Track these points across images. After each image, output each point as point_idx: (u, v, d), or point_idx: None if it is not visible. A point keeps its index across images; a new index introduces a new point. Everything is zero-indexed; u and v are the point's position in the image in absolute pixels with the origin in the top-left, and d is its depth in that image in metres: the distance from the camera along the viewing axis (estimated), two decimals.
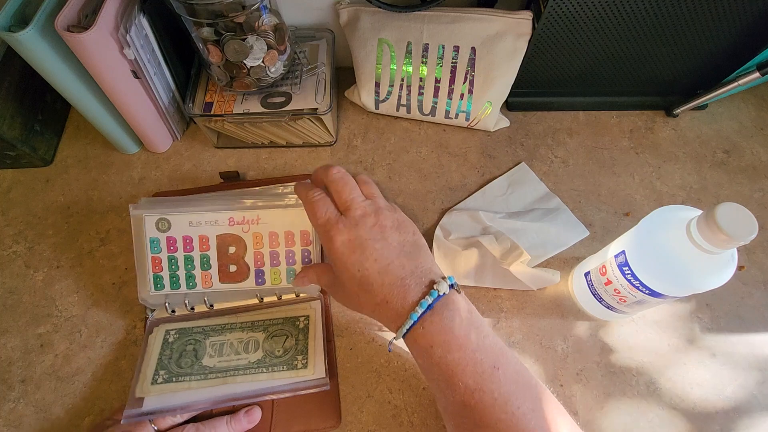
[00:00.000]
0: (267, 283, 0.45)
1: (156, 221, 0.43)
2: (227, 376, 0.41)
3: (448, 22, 0.50)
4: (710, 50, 0.52)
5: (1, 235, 0.51)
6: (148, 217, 0.43)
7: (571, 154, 0.56)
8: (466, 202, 0.53)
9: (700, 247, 0.32)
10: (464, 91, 0.53)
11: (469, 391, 0.31)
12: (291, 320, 0.44)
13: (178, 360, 0.42)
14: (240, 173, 0.54)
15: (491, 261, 0.47)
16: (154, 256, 0.44)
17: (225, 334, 0.43)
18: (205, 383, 0.40)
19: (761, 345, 0.45)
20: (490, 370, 0.32)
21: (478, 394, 0.31)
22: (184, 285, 0.44)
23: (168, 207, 0.44)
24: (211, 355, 0.42)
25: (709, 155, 0.57)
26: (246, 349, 0.42)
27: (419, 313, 0.32)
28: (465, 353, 0.32)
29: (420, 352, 0.33)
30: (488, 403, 0.31)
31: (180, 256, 0.44)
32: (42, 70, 0.44)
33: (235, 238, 0.44)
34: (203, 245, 0.44)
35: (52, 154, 0.57)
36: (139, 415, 0.38)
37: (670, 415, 0.42)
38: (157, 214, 0.43)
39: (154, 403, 0.39)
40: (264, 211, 0.44)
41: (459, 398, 0.32)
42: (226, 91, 0.53)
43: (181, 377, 0.41)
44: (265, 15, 0.47)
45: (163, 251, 0.44)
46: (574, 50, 0.52)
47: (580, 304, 0.47)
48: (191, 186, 0.54)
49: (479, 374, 0.31)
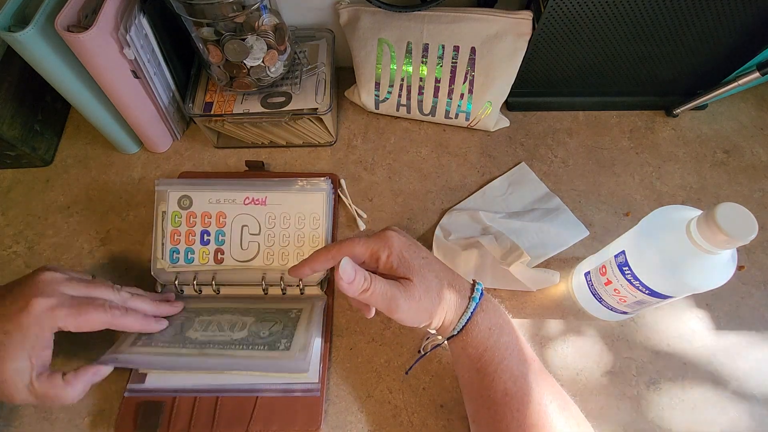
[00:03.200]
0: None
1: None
2: (204, 348, 0.40)
3: (448, 22, 0.50)
4: (710, 50, 0.52)
5: (1, 235, 0.51)
6: (173, 193, 0.46)
7: (571, 154, 0.56)
8: (466, 202, 0.53)
9: (700, 247, 0.32)
10: (464, 91, 0.53)
11: (513, 378, 0.34)
12: (285, 311, 0.44)
13: (162, 331, 0.42)
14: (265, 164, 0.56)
15: (491, 261, 0.47)
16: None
17: (216, 315, 0.44)
18: (182, 351, 0.40)
19: (761, 345, 0.45)
20: (530, 360, 0.35)
21: (520, 381, 0.34)
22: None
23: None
24: (196, 330, 0.42)
25: (709, 155, 0.57)
26: (232, 328, 0.42)
27: (474, 305, 0.36)
28: (513, 337, 0.36)
29: (475, 341, 0.36)
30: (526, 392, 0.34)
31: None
32: (42, 70, 0.44)
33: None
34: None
35: (52, 154, 0.57)
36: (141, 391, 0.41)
37: (670, 415, 0.42)
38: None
39: (156, 381, 0.42)
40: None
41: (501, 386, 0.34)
42: (226, 91, 0.53)
43: (161, 343, 0.41)
44: (265, 15, 0.47)
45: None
46: (574, 50, 0.52)
47: (580, 304, 0.47)
48: None
49: (522, 362, 0.35)
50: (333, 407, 0.42)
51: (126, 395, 0.41)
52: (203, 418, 0.40)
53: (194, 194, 0.46)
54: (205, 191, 0.46)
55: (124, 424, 0.40)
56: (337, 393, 0.43)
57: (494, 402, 0.34)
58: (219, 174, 0.55)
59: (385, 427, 0.41)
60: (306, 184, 0.47)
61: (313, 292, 0.47)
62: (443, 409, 0.42)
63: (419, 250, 0.38)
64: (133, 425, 0.40)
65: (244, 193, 0.46)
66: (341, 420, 0.41)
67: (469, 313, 0.35)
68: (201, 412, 0.41)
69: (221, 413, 0.41)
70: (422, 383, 0.43)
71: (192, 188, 0.46)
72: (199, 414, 0.40)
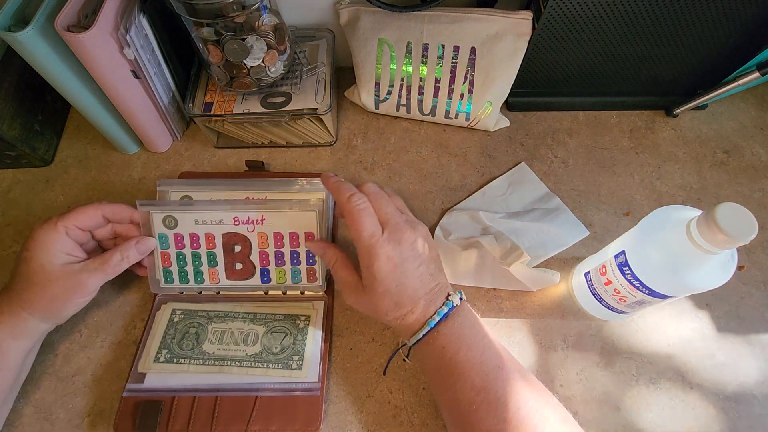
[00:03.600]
0: (272, 282, 0.46)
1: (163, 218, 0.45)
2: (224, 365, 0.42)
3: (448, 22, 0.50)
4: (710, 50, 0.52)
5: (1, 235, 0.51)
6: (155, 213, 0.44)
7: (571, 154, 0.56)
8: (466, 202, 0.53)
9: (700, 247, 0.32)
10: (464, 91, 0.53)
11: (475, 389, 0.34)
12: (292, 318, 0.45)
13: (180, 341, 0.44)
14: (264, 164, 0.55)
15: (491, 261, 0.47)
16: (163, 251, 0.45)
17: (227, 322, 0.45)
18: (203, 369, 0.42)
19: (761, 345, 0.45)
20: (495, 371, 0.35)
21: (483, 394, 0.34)
22: (192, 280, 0.46)
23: (174, 206, 0.45)
24: (212, 342, 0.44)
25: (709, 155, 0.57)
26: (245, 341, 0.44)
27: (436, 320, 0.36)
28: (473, 353, 0.35)
29: (432, 355, 0.37)
30: (492, 402, 0.33)
31: (188, 253, 0.45)
32: (42, 70, 0.44)
33: (240, 237, 0.45)
34: (209, 243, 0.45)
35: (52, 154, 0.57)
36: (140, 390, 0.41)
37: (670, 415, 0.42)
38: (163, 211, 0.45)
39: (155, 381, 0.42)
40: (269, 212, 0.45)
41: (466, 396, 0.34)
42: (226, 91, 0.53)
43: (182, 359, 0.43)
44: (265, 15, 0.47)
45: (171, 247, 0.45)
46: (574, 50, 0.52)
47: (580, 304, 0.47)
48: None
49: (485, 373, 0.35)
50: (333, 407, 0.42)
51: (125, 395, 0.41)
52: (202, 417, 0.40)
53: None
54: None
55: (123, 424, 0.40)
56: (337, 393, 0.43)
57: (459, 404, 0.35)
58: (219, 174, 0.55)
59: (385, 427, 0.41)
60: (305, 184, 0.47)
61: (313, 293, 0.47)
62: None
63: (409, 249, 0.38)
64: (132, 425, 0.40)
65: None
66: (341, 420, 0.41)
67: (427, 327, 0.36)
68: (200, 412, 0.41)
69: (220, 413, 0.41)
70: (422, 383, 0.43)
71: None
72: (198, 413, 0.41)
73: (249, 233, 0.45)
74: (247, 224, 0.45)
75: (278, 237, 0.45)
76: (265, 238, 0.45)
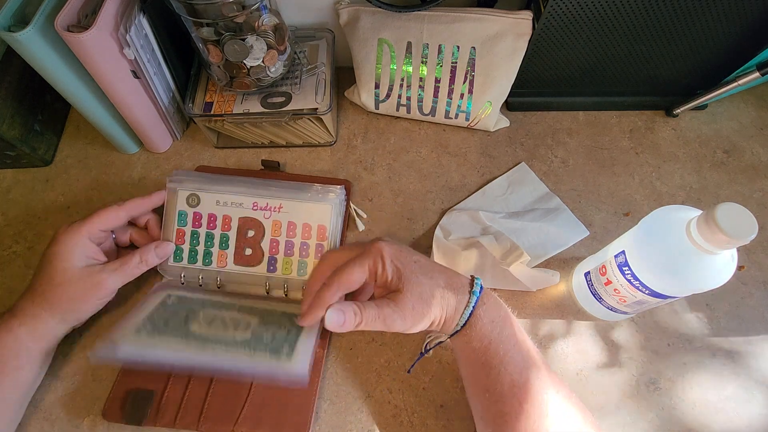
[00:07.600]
0: (278, 272, 0.46)
1: (187, 196, 0.46)
2: (207, 345, 0.39)
3: (448, 22, 0.50)
4: (710, 50, 0.52)
5: (1, 235, 0.51)
6: (182, 191, 0.46)
7: (571, 154, 0.56)
8: (466, 202, 0.53)
9: (700, 247, 0.32)
10: (464, 91, 0.53)
11: (518, 370, 0.35)
12: (289, 316, 0.43)
13: (167, 320, 0.41)
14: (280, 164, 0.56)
15: (491, 261, 0.47)
16: (179, 228, 0.46)
17: (221, 311, 0.43)
18: (184, 345, 0.39)
19: (761, 345, 0.45)
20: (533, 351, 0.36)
21: (525, 373, 0.34)
22: (200, 261, 0.46)
23: (200, 183, 0.47)
24: (200, 323, 0.41)
25: (709, 155, 0.57)
26: (236, 327, 0.41)
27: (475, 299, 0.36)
28: (515, 329, 0.37)
29: (479, 335, 0.36)
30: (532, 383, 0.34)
31: (202, 232, 0.47)
32: (42, 70, 0.44)
33: (256, 222, 0.46)
34: (225, 225, 0.47)
35: (52, 154, 0.57)
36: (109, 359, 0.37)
37: (670, 415, 0.42)
38: (189, 189, 0.46)
39: (129, 352, 0.38)
40: (287, 201, 0.46)
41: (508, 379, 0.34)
42: (226, 91, 0.53)
43: (164, 335, 0.39)
44: (265, 15, 0.47)
45: (188, 225, 0.46)
46: (574, 50, 0.52)
47: (580, 304, 0.47)
48: None
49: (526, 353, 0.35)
50: (333, 407, 0.42)
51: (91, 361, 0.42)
52: (191, 412, 0.40)
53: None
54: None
55: (113, 410, 0.40)
56: (337, 393, 0.43)
57: (502, 395, 0.34)
58: (236, 171, 0.55)
59: (385, 427, 0.41)
60: (319, 192, 0.47)
61: None
62: (443, 409, 0.42)
63: (410, 254, 0.38)
64: (120, 414, 0.40)
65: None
66: (341, 420, 0.41)
67: (470, 307, 0.36)
68: (189, 406, 0.40)
69: (209, 408, 0.40)
70: (422, 383, 0.43)
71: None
72: (186, 407, 0.40)
73: (265, 219, 0.46)
74: (264, 210, 0.46)
75: (291, 226, 0.46)
76: (279, 226, 0.46)
